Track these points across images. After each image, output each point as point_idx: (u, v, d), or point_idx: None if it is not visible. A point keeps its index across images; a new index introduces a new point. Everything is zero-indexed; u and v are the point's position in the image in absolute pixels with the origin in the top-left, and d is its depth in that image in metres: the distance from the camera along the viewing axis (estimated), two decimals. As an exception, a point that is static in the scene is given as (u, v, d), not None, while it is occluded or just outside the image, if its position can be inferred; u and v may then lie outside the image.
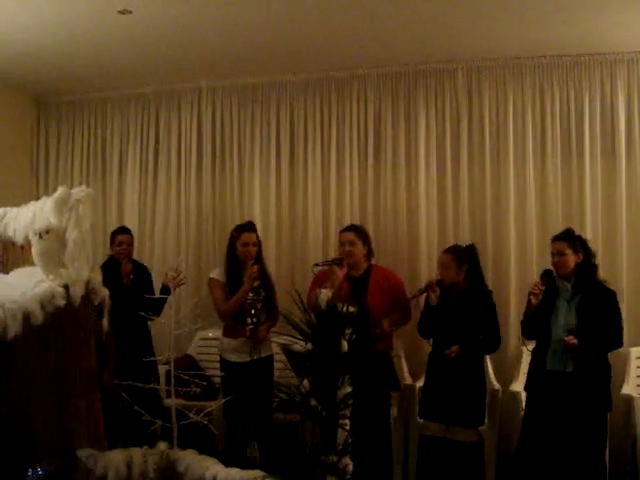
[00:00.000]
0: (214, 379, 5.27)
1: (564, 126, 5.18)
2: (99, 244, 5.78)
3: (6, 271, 3.55)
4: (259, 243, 4.61)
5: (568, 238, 4.12)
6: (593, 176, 5.09)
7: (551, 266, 4.19)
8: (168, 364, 3.39)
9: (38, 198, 3.63)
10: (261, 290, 4.48)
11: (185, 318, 3.70)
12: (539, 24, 4.50)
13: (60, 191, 3.24)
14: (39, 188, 6.34)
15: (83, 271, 3.15)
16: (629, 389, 4.62)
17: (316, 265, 4.52)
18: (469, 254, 4.44)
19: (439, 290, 4.37)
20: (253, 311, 4.42)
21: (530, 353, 4.37)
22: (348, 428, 2.96)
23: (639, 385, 4.72)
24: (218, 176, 5.91)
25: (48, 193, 3.80)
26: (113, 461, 3.08)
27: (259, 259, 4.56)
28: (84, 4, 4.14)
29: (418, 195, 5.38)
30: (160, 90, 6.04)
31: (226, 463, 3.11)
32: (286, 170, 5.72)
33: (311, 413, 2.86)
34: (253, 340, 4.40)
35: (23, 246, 3.51)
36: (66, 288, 3.11)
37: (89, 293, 3.22)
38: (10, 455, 3.01)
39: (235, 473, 2.98)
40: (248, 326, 4.41)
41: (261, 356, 4.46)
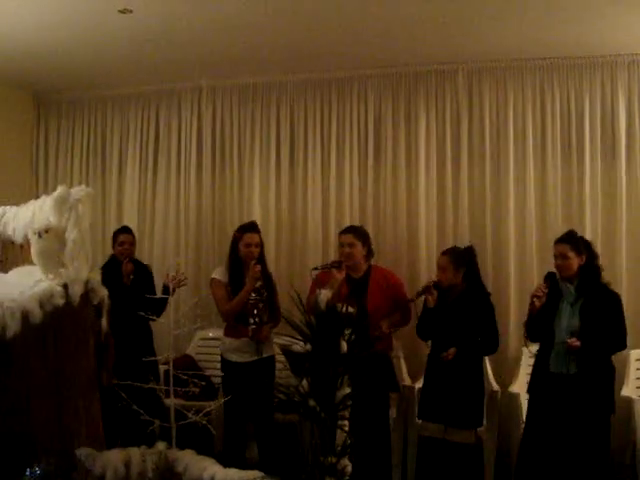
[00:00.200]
0: (213, 379, 5.27)
1: (564, 128, 5.18)
2: (98, 243, 5.79)
3: (5, 270, 3.55)
4: (261, 244, 4.60)
5: (571, 240, 4.10)
6: (593, 178, 5.09)
7: (553, 268, 4.19)
8: (167, 364, 3.38)
9: (38, 197, 3.63)
10: (263, 290, 4.48)
11: (184, 317, 3.70)
12: (540, 25, 4.50)
13: (59, 190, 3.24)
14: (39, 187, 6.33)
15: (82, 270, 3.15)
16: (629, 391, 4.61)
17: (315, 269, 4.52)
18: (467, 256, 4.43)
19: (437, 292, 4.36)
20: (255, 311, 4.42)
21: (530, 355, 4.39)
22: (347, 429, 2.96)
23: (639, 387, 4.72)
24: (218, 176, 5.91)
25: (48, 192, 3.80)
26: (111, 461, 3.07)
27: (261, 259, 4.56)
28: (84, 3, 4.13)
29: (418, 196, 5.38)
30: (160, 89, 6.03)
31: (224, 463, 3.11)
32: (286, 170, 5.71)
33: (310, 414, 2.85)
34: (255, 340, 4.41)
35: (22, 245, 3.51)
36: (65, 287, 3.11)
37: (88, 292, 3.22)
38: (8, 454, 3.00)
39: (233, 473, 2.98)
40: (250, 326, 4.41)
41: (263, 356, 4.46)
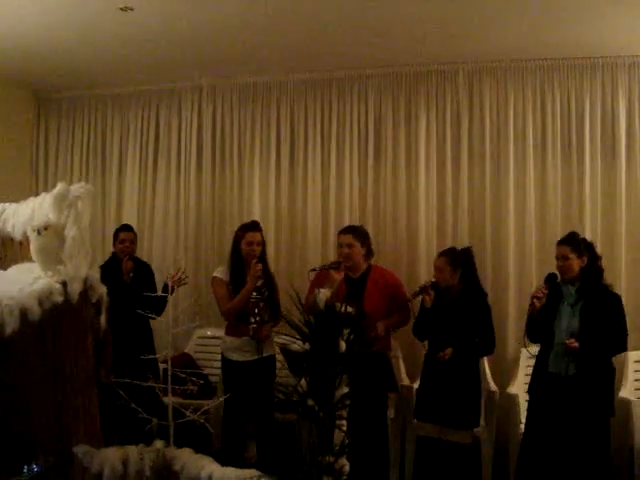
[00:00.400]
0: (211, 378, 5.27)
1: (564, 128, 5.18)
2: (98, 242, 5.79)
3: (4, 267, 3.55)
4: (263, 243, 4.60)
5: (572, 242, 4.10)
6: (593, 178, 5.09)
7: (552, 269, 4.19)
8: (166, 362, 3.38)
9: (37, 194, 3.62)
10: (264, 289, 4.47)
11: (183, 315, 3.69)
12: (540, 26, 4.50)
13: (59, 187, 3.23)
14: (38, 184, 6.33)
15: (81, 268, 3.14)
16: (627, 393, 4.62)
17: (313, 270, 4.51)
18: (465, 257, 4.43)
19: (434, 293, 4.37)
20: (256, 310, 4.41)
21: (529, 356, 4.39)
22: (345, 428, 2.95)
23: (637, 389, 4.72)
24: (218, 175, 5.90)
25: (47, 190, 3.80)
26: (109, 458, 3.08)
27: (263, 258, 4.55)
28: (85, 1, 4.13)
29: (418, 196, 5.37)
30: (160, 88, 6.03)
31: (222, 462, 3.11)
32: (286, 170, 5.71)
33: (308, 413, 2.85)
34: (256, 339, 4.41)
35: (22, 242, 3.50)
36: (64, 285, 3.10)
37: (87, 290, 3.21)
38: (7, 452, 3.00)
39: (231, 472, 2.98)
40: (251, 325, 4.40)
41: (263, 355, 4.45)
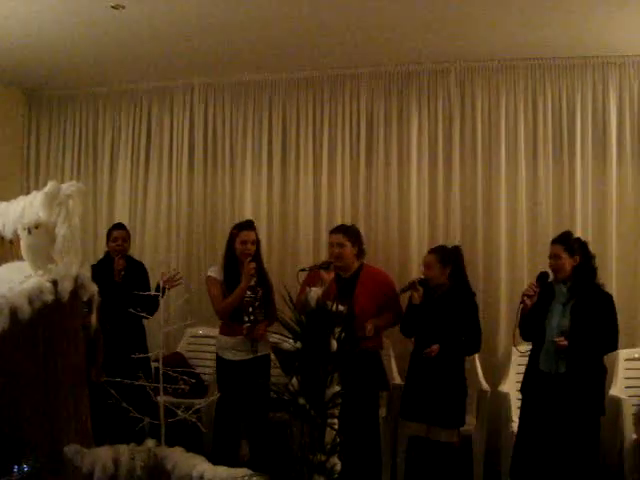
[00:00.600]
0: (203, 377, 5.27)
1: (556, 128, 5.20)
2: (90, 241, 5.78)
3: (-5, 266, 3.53)
4: (258, 242, 4.59)
5: (565, 241, 4.12)
6: (584, 178, 5.11)
7: (544, 268, 4.21)
8: (157, 361, 3.37)
9: (29, 193, 3.61)
10: (259, 288, 4.48)
11: (174, 314, 3.68)
12: (532, 26, 4.51)
13: (50, 185, 3.21)
14: (29, 183, 6.31)
15: (72, 266, 3.12)
16: (617, 391, 4.64)
17: (302, 270, 4.51)
18: (454, 255, 4.44)
19: (422, 289, 4.36)
20: (250, 309, 4.41)
21: (519, 354, 4.40)
22: (337, 427, 2.95)
23: (627, 387, 4.74)
24: (210, 173, 5.89)
25: (38, 188, 3.78)
26: (100, 458, 3.05)
27: (257, 257, 4.55)
28: (77, -2, 4.13)
29: (409, 195, 5.38)
30: (152, 86, 6.02)
31: (215, 461, 3.10)
32: (278, 168, 5.71)
33: (300, 412, 2.84)
34: (250, 338, 4.39)
35: (12, 241, 3.48)
36: (54, 283, 3.09)
37: (78, 289, 3.20)
38: (-4, 451, 2.99)
39: (222, 471, 2.96)
40: (245, 324, 4.40)
41: (257, 355, 4.45)
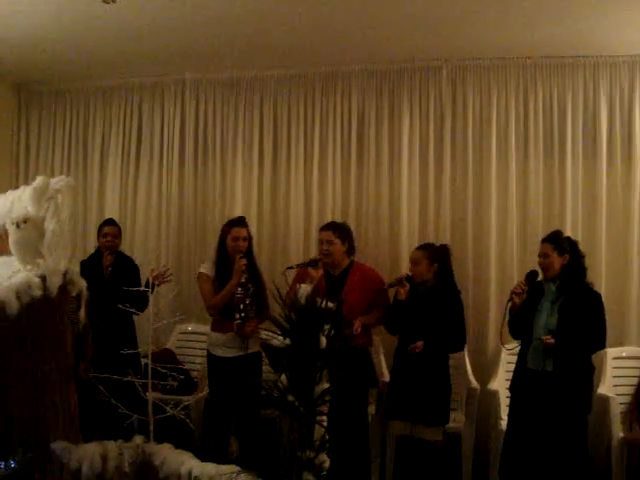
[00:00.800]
0: (192, 373, 5.26)
1: (547, 126, 5.21)
2: (79, 236, 5.75)
3: (-17, 261, 3.51)
4: (250, 238, 4.58)
5: (554, 240, 4.13)
6: (574, 176, 5.12)
7: (533, 266, 4.23)
8: (146, 357, 3.37)
9: (17, 188, 3.59)
10: (250, 285, 4.46)
11: (164, 308, 3.66)
12: (524, 25, 4.53)
13: (39, 180, 3.21)
14: (19, 178, 6.25)
15: (61, 262, 3.11)
16: (605, 389, 4.66)
17: (290, 267, 4.50)
18: (442, 253, 4.44)
19: (408, 285, 4.36)
20: (242, 306, 4.40)
21: (509, 352, 4.42)
22: (325, 424, 2.95)
23: (615, 385, 4.76)
24: (200, 169, 5.87)
25: (28, 183, 3.76)
26: (88, 454, 3.05)
27: (249, 254, 4.53)
28: (67, -8, 4.11)
29: (400, 192, 5.38)
30: (143, 81, 5.98)
31: (203, 458, 3.10)
32: (268, 165, 5.69)
33: (288, 409, 2.84)
34: (241, 335, 4.39)
35: (0, 235, 3.46)
36: (43, 278, 3.08)
37: (66, 284, 3.19)
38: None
39: (211, 468, 2.97)
40: (236, 321, 4.39)
41: (248, 352, 4.43)
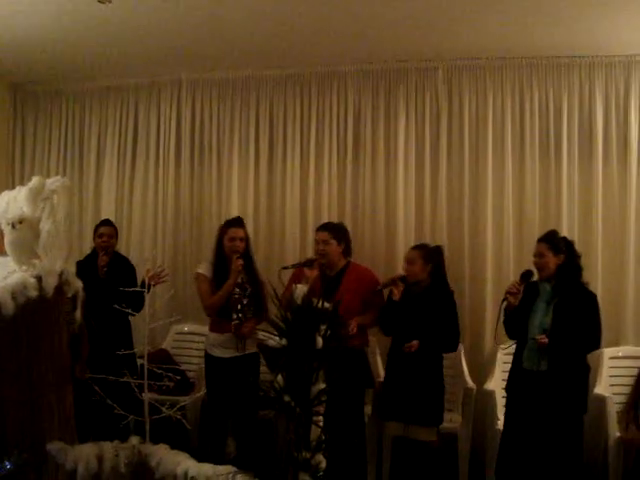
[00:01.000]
0: (189, 374, 5.25)
1: (543, 126, 5.21)
2: (75, 236, 5.73)
3: (-22, 261, 3.50)
4: (247, 239, 4.58)
5: (549, 240, 4.13)
6: (570, 177, 5.12)
7: (530, 266, 4.22)
8: (142, 358, 3.36)
9: (13, 188, 3.58)
10: (247, 286, 4.45)
11: (160, 308, 3.65)
12: (520, 25, 4.53)
13: (34, 181, 3.20)
14: (15, 178, 6.23)
15: (56, 262, 3.11)
16: (602, 389, 4.66)
17: (284, 268, 4.50)
18: (436, 254, 4.44)
19: (403, 285, 4.36)
20: (239, 306, 4.39)
21: (504, 352, 4.42)
22: (322, 425, 2.95)
23: (612, 385, 4.76)
24: (196, 169, 5.85)
25: (24, 183, 3.76)
26: (83, 455, 3.05)
27: (247, 254, 4.53)
28: (63, -8, 4.10)
29: (396, 193, 5.38)
30: (139, 82, 5.97)
31: (199, 458, 3.09)
32: (265, 165, 5.69)
33: (285, 409, 2.84)
34: (237, 336, 4.38)
35: (-5, 235, 3.46)
36: (38, 279, 3.07)
37: (62, 284, 3.18)
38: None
39: (207, 468, 2.97)
40: (233, 322, 4.38)
41: (246, 352, 4.43)
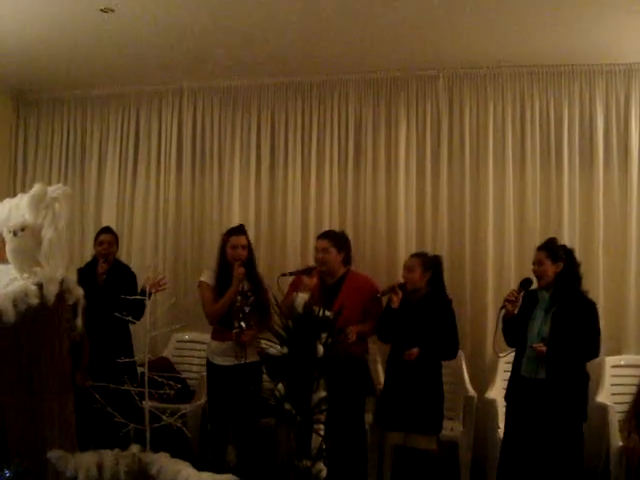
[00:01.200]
0: (189, 382, 5.25)
1: (543, 135, 5.22)
2: (77, 244, 5.75)
3: (-20, 269, 3.49)
4: (250, 246, 4.58)
5: (548, 248, 4.13)
6: (571, 185, 5.13)
7: (531, 275, 4.22)
8: (143, 366, 3.35)
9: (15, 195, 3.59)
10: (250, 294, 4.45)
11: (161, 316, 3.65)
12: (520, 34, 4.55)
13: (36, 188, 3.19)
14: (16, 186, 6.24)
15: (58, 270, 3.10)
16: (604, 398, 4.65)
17: (283, 275, 4.49)
18: (435, 262, 4.45)
19: (401, 293, 4.35)
20: (241, 315, 4.39)
21: (505, 360, 4.42)
22: (322, 433, 2.95)
23: (614, 394, 4.75)
24: (198, 178, 5.88)
25: (26, 191, 3.76)
26: (84, 463, 3.03)
27: (250, 262, 4.52)
28: (66, 1, 4.11)
29: (397, 201, 5.39)
30: (141, 90, 6.00)
31: (199, 467, 3.08)
32: (266, 173, 5.70)
33: (286, 417, 2.84)
34: (238, 344, 4.38)
35: (-4, 243, 3.45)
36: (40, 287, 3.06)
37: (63, 292, 3.18)
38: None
39: (207, 477, 2.95)
40: (234, 330, 4.38)
41: (246, 361, 4.41)
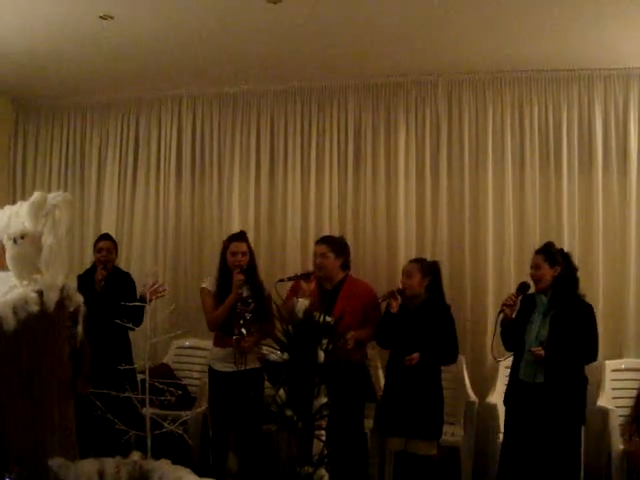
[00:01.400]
0: (190, 388, 5.24)
1: (542, 140, 5.23)
2: (76, 251, 5.74)
3: (-21, 276, 3.49)
4: (251, 252, 4.57)
5: (546, 252, 4.14)
6: (570, 190, 5.13)
7: (529, 278, 4.23)
8: (143, 372, 3.35)
9: (15, 203, 3.59)
10: (251, 300, 4.44)
11: (161, 323, 3.64)
12: (518, 39, 4.56)
13: (36, 195, 3.19)
14: (16, 193, 6.25)
15: (58, 277, 3.10)
16: (604, 401, 4.65)
17: (281, 280, 4.48)
18: (434, 268, 4.45)
19: (400, 298, 4.35)
20: (241, 321, 4.38)
21: (504, 364, 4.42)
22: (324, 439, 2.94)
23: (614, 398, 4.75)
24: (197, 184, 5.88)
25: (25, 198, 3.76)
26: (85, 471, 3.02)
27: (251, 269, 4.52)
28: (65, 8, 4.11)
29: (397, 206, 5.39)
30: (141, 97, 6.00)
31: (201, 473, 3.08)
32: (265, 179, 5.70)
33: (287, 423, 2.84)
34: (238, 350, 4.37)
35: (-4, 250, 3.45)
36: (40, 294, 3.06)
37: (64, 299, 3.17)
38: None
39: (208, 484, 2.95)
40: (235, 336, 4.37)
41: (247, 368, 4.40)
